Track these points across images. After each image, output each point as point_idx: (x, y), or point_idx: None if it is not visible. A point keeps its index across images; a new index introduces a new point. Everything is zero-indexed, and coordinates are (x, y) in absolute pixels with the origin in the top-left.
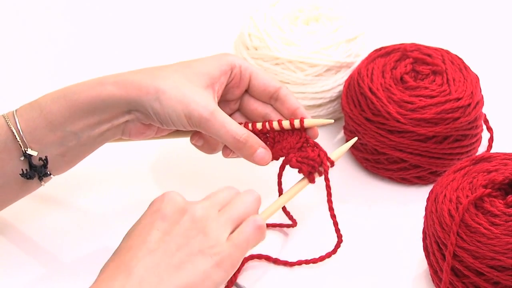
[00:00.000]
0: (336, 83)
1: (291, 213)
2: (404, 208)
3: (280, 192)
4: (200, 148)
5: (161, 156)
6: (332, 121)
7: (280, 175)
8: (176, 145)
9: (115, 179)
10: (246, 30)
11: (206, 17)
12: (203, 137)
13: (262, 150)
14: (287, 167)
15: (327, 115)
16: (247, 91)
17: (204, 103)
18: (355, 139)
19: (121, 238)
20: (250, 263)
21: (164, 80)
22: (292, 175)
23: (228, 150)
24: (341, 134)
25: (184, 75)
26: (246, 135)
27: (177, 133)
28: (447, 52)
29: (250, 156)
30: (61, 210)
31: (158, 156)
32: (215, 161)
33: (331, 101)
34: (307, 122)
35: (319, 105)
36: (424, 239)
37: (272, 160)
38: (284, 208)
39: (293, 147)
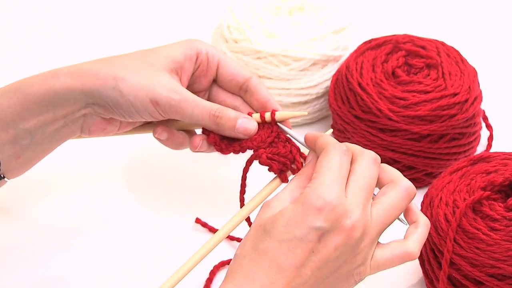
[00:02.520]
0: (322, 78)
1: None
2: None
3: (243, 191)
4: (165, 142)
5: (130, 155)
6: (306, 113)
7: (246, 170)
8: (146, 142)
9: (78, 184)
10: (225, 21)
11: (182, 8)
12: (167, 130)
13: (243, 120)
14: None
15: (313, 113)
16: (215, 81)
17: (171, 86)
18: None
19: (86, 258)
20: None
21: (123, 67)
22: (261, 173)
23: (197, 141)
24: (329, 133)
25: (145, 59)
26: (221, 108)
27: (143, 127)
28: (443, 43)
29: (232, 130)
30: (14, 221)
31: (126, 156)
32: (192, 159)
33: (317, 97)
34: (279, 115)
35: (305, 102)
36: None
37: (238, 153)
38: (248, 220)
39: (264, 141)
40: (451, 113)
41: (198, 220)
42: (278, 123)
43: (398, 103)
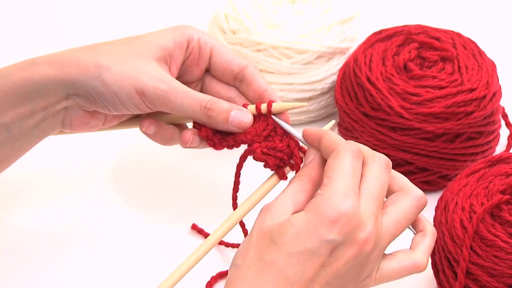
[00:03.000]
0: (328, 72)
1: None
2: None
3: (236, 189)
4: (153, 137)
5: (118, 154)
6: (305, 104)
7: (239, 167)
8: (134, 138)
9: (61, 187)
10: (222, 10)
11: None
12: (155, 123)
13: (237, 112)
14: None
15: (318, 110)
16: (208, 71)
17: (159, 74)
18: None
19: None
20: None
21: (107, 55)
22: (258, 171)
23: (187, 135)
24: (335, 132)
25: (131, 47)
26: (213, 99)
27: (130, 121)
28: (459, 35)
29: (225, 123)
30: None
31: (114, 154)
32: (186, 157)
33: (322, 93)
34: (276, 106)
35: (309, 99)
36: (432, 255)
37: (232, 148)
38: (241, 224)
39: (259, 135)
40: (468, 111)
41: (194, 227)
42: (273, 116)
43: (410, 99)
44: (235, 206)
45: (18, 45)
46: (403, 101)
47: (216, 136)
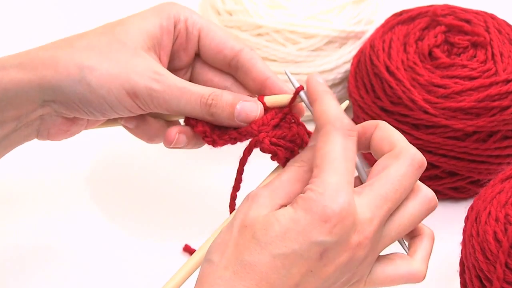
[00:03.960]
0: (340, 60)
1: None
2: (435, 231)
3: (237, 187)
4: (135, 132)
5: (98, 158)
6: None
7: (243, 162)
8: (117, 139)
9: (31, 196)
10: None
11: None
12: (137, 117)
13: (244, 104)
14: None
15: None
16: (199, 55)
17: (150, 71)
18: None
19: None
20: None
21: (87, 51)
22: (262, 165)
23: (172, 134)
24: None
25: (113, 37)
26: (214, 92)
27: (113, 119)
28: (492, 16)
29: (231, 119)
30: None
31: (92, 159)
32: (179, 160)
33: (334, 85)
34: (269, 100)
35: None
36: (461, 273)
37: (236, 142)
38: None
39: (267, 124)
40: (503, 105)
41: (187, 248)
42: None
43: (436, 92)
44: (232, 206)
45: None
46: (428, 94)
47: (215, 131)
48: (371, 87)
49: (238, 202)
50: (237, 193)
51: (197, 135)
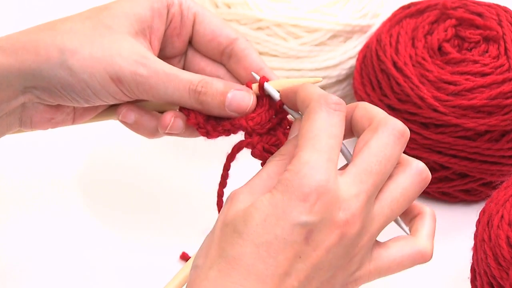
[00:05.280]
0: (345, 55)
1: None
2: (445, 236)
3: (223, 183)
4: (133, 128)
5: (91, 156)
6: (320, 79)
7: (230, 158)
8: (111, 135)
9: (21, 198)
10: None
11: None
12: (134, 110)
13: (235, 93)
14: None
15: None
16: (191, 43)
17: (136, 55)
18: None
19: None
20: None
21: (71, 34)
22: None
23: (167, 118)
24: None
25: (99, 20)
26: (204, 80)
27: (107, 111)
28: (505, 9)
29: (221, 108)
30: None
31: (85, 156)
32: (177, 160)
33: (338, 81)
34: (272, 85)
35: (322, 88)
36: (473, 280)
37: (229, 134)
38: None
39: (262, 125)
40: None
41: (184, 256)
42: (285, 107)
43: (446, 89)
44: (220, 204)
45: None
46: (438, 91)
47: (209, 122)
48: (378, 84)
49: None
50: (224, 190)
51: None
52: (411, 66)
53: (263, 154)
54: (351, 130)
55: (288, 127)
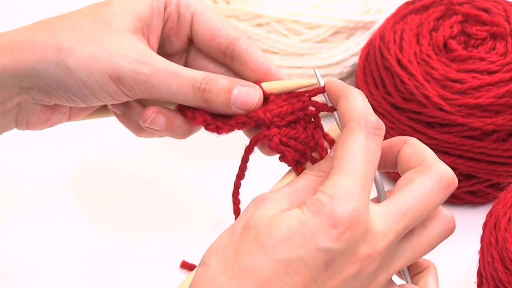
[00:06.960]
0: (348, 53)
1: None
2: (451, 239)
3: (240, 175)
4: (125, 122)
5: (86, 157)
6: (315, 82)
7: (249, 151)
8: (107, 133)
9: (13, 200)
10: None
11: None
12: (125, 103)
13: (241, 88)
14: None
15: None
16: (194, 42)
17: (136, 53)
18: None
19: None
20: None
21: (68, 32)
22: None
23: (148, 113)
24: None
25: (97, 17)
26: (208, 76)
27: (102, 109)
28: None
29: (227, 105)
30: None
31: (80, 157)
32: (174, 165)
33: (340, 79)
34: (274, 86)
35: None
36: (479, 284)
37: (243, 127)
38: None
39: (282, 117)
40: None
41: (184, 264)
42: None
43: (452, 87)
44: (236, 196)
45: None
46: (443, 89)
47: (218, 118)
48: (381, 82)
49: (241, 192)
50: (240, 181)
51: (188, 121)
52: (416, 63)
53: (280, 147)
54: (395, 163)
55: (312, 120)
